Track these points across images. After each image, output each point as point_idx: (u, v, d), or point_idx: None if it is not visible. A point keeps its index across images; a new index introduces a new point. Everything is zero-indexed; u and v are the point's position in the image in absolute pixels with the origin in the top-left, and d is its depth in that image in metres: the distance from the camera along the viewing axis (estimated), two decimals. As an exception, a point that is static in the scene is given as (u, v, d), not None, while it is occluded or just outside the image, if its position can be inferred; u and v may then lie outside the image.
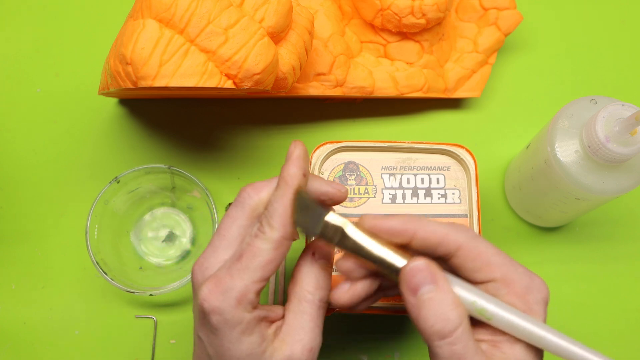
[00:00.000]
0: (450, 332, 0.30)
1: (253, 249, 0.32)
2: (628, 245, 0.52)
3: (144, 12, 0.39)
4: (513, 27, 0.53)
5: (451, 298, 0.31)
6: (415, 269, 0.31)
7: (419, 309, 0.31)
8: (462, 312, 0.30)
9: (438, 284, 0.31)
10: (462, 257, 0.32)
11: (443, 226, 0.32)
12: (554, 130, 0.41)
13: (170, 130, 0.54)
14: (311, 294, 0.34)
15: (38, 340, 0.50)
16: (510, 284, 0.31)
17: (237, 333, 0.32)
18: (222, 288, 0.32)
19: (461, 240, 0.32)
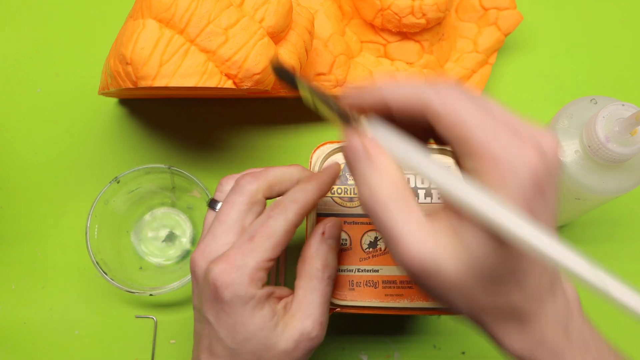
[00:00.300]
0: (374, 205, 0.27)
1: (267, 230, 0.34)
2: (628, 245, 0.52)
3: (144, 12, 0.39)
4: (513, 27, 0.53)
5: (381, 171, 0.27)
6: (347, 149, 0.29)
7: (356, 183, 0.29)
8: (390, 183, 0.27)
9: (369, 157, 0.28)
10: (440, 124, 0.27)
11: (416, 88, 0.27)
12: (553, 130, 0.41)
13: (170, 130, 0.54)
14: (320, 272, 0.36)
15: (38, 340, 0.50)
16: (491, 160, 0.25)
17: (250, 308, 0.33)
18: (235, 265, 0.33)
19: (438, 103, 0.26)
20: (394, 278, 0.42)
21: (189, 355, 0.49)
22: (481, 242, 0.26)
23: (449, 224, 0.27)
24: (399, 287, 0.41)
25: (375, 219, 0.28)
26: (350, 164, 0.29)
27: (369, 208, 0.28)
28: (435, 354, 0.50)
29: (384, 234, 0.28)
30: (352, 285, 0.41)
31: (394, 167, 0.28)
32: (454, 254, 0.26)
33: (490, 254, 0.26)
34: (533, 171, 0.25)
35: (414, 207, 0.27)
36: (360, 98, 0.29)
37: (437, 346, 0.50)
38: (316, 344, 0.35)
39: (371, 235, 0.43)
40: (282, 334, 0.34)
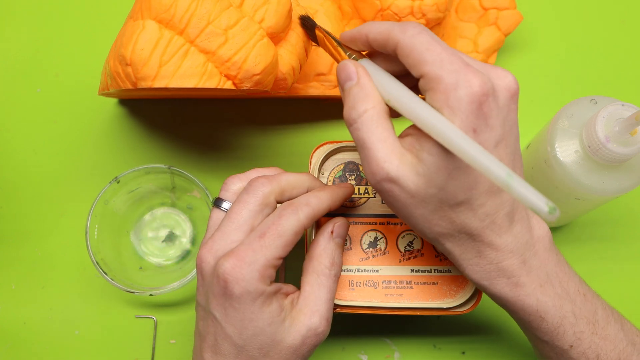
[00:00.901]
0: (354, 119, 0.33)
1: (279, 229, 0.34)
2: (628, 245, 0.52)
3: (144, 13, 0.39)
4: (513, 27, 0.52)
5: (364, 91, 0.33)
6: (341, 66, 0.35)
7: (344, 101, 0.34)
8: (370, 104, 0.33)
9: (359, 82, 0.33)
10: (401, 54, 0.32)
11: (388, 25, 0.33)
12: (554, 130, 0.41)
13: (170, 130, 0.54)
14: (328, 269, 0.37)
15: (38, 340, 0.50)
16: (436, 80, 0.30)
17: (259, 304, 0.34)
18: (246, 261, 0.34)
19: (400, 37, 0.32)
20: (394, 278, 0.42)
21: (189, 355, 0.49)
22: (432, 152, 0.31)
23: (412, 146, 0.32)
24: (399, 287, 0.42)
25: (354, 133, 0.33)
26: (341, 83, 0.35)
27: (350, 122, 0.33)
28: (435, 354, 0.50)
29: (359, 146, 0.33)
30: (352, 285, 0.41)
31: (377, 92, 0.33)
32: (413, 168, 0.32)
33: (440, 165, 0.31)
34: (473, 94, 0.30)
35: (388, 129, 0.33)
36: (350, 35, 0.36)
37: (437, 346, 0.50)
38: (321, 339, 0.36)
39: (371, 236, 0.43)
40: (290, 329, 0.35)
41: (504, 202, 0.33)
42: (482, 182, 0.32)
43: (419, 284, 0.42)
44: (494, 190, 0.32)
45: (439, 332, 0.50)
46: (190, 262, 0.50)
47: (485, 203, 0.32)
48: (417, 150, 0.32)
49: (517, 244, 0.34)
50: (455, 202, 0.32)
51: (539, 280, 0.35)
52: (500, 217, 0.33)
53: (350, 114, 0.33)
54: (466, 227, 0.33)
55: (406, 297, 0.41)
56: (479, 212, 0.33)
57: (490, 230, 0.33)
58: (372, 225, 0.43)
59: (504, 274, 0.34)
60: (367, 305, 0.41)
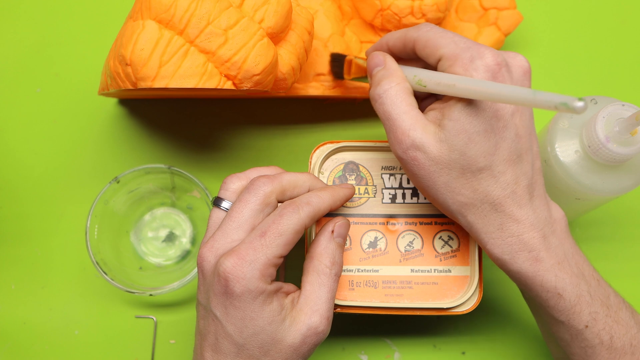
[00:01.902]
0: (379, 94, 0.36)
1: (279, 228, 0.35)
2: (628, 245, 0.52)
3: (144, 13, 0.39)
4: (513, 27, 0.52)
5: (389, 72, 0.37)
6: (371, 56, 0.39)
7: (371, 84, 0.38)
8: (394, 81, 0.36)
9: (385, 65, 0.38)
10: (418, 47, 0.36)
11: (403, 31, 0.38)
12: (554, 130, 0.41)
13: (170, 130, 0.54)
14: (329, 268, 0.37)
15: (38, 340, 0.50)
16: (454, 57, 0.34)
17: (259, 302, 0.34)
18: (247, 260, 0.34)
19: (415, 35, 0.37)
20: (394, 278, 0.42)
21: (189, 355, 0.49)
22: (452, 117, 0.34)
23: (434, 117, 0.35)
24: (399, 287, 0.42)
25: (379, 108, 0.36)
26: (370, 70, 0.38)
27: (376, 98, 0.36)
28: (435, 354, 0.50)
29: (386, 120, 0.36)
30: (352, 285, 0.41)
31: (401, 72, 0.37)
32: (436, 135, 0.35)
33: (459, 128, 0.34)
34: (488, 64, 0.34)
35: (412, 103, 0.36)
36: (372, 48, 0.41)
37: (437, 346, 0.50)
38: (322, 339, 0.36)
39: (371, 236, 0.43)
40: (290, 328, 0.35)
41: (525, 173, 0.35)
42: (502, 149, 0.34)
43: (419, 284, 0.42)
44: (513, 159, 0.35)
45: (439, 332, 0.50)
46: (190, 262, 0.50)
47: (506, 171, 0.35)
48: (439, 120, 0.35)
49: (537, 219, 0.35)
50: (477, 168, 0.34)
51: (557, 258, 0.36)
52: (520, 187, 0.35)
53: (376, 89, 0.36)
54: (488, 195, 0.35)
55: (406, 297, 0.41)
56: (500, 180, 0.35)
57: (512, 200, 0.35)
58: (372, 225, 0.43)
59: (525, 247, 0.35)
60: (367, 305, 0.41)
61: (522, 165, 0.35)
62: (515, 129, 0.34)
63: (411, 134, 0.35)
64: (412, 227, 0.43)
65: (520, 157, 0.35)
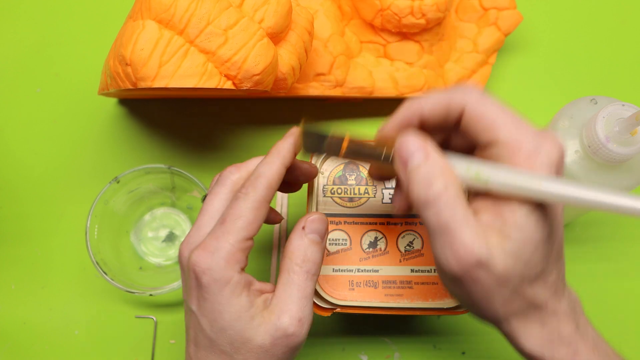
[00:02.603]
0: (435, 199, 0.29)
1: (236, 211, 0.34)
2: (628, 245, 0.52)
3: (144, 13, 0.39)
4: (513, 27, 0.52)
5: (438, 167, 0.30)
6: (403, 142, 0.31)
7: (408, 182, 0.30)
8: (448, 180, 0.29)
9: (426, 153, 0.30)
10: (467, 119, 0.30)
11: (445, 94, 0.31)
12: (554, 130, 0.42)
13: (170, 130, 0.54)
14: (299, 266, 0.35)
15: (38, 340, 0.50)
16: (515, 146, 0.29)
17: (227, 293, 0.33)
18: (210, 250, 0.33)
19: (464, 102, 0.30)
20: (394, 278, 0.42)
21: (189, 355, 0.49)
22: (519, 227, 0.29)
23: (492, 223, 0.29)
24: (399, 287, 0.42)
25: (432, 217, 0.29)
26: (404, 161, 0.30)
27: (426, 205, 0.29)
28: (435, 354, 0.50)
29: (436, 229, 0.29)
30: (352, 285, 0.41)
31: (449, 166, 0.30)
32: (500, 247, 0.29)
33: (528, 238, 0.29)
34: (553, 160, 0.29)
35: (467, 206, 0.29)
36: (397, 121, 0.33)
37: (437, 346, 0.50)
38: (295, 341, 0.34)
39: (371, 235, 0.43)
40: (259, 328, 0.33)
41: (563, 266, 0.32)
42: (555, 249, 0.31)
43: (419, 284, 0.42)
44: (559, 255, 0.32)
45: (439, 332, 0.50)
46: (190, 262, 0.50)
47: (553, 270, 0.31)
48: (500, 227, 0.29)
49: (569, 307, 0.33)
50: (535, 275, 0.30)
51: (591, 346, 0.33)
52: (561, 282, 0.32)
53: (428, 193, 0.29)
54: (536, 299, 0.31)
55: (406, 297, 0.41)
56: (548, 281, 0.31)
57: (555, 297, 0.32)
58: (372, 225, 0.43)
59: (563, 342, 0.32)
60: (367, 305, 0.41)
61: (562, 259, 0.32)
62: (562, 224, 0.32)
63: (476, 251, 0.28)
64: (412, 227, 0.43)
65: (560, 252, 0.32)
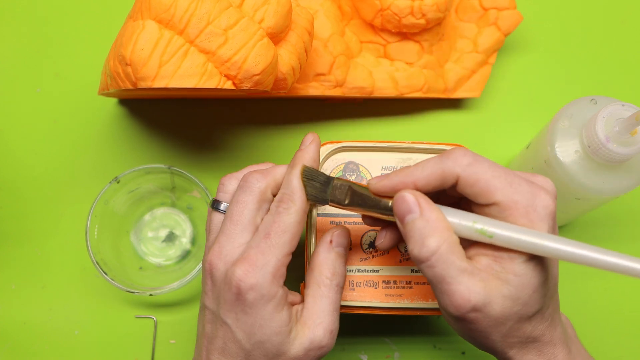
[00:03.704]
0: (428, 256, 0.31)
1: (281, 225, 0.34)
2: (628, 245, 0.52)
3: (144, 13, 0.39)
4: (513, 27, 0.52)
5: (432, 223, 0.32)
6: (399, 199, 0.33)
7: (406, 236, 0.33)
8: (442, 236, 0.31)
9: (421, 211, 0.32)
10: (462, 184, 0.32)
11: (436, 163, 0.33)
12: (554, 130, 0.41)
13: (170, 130, 0.54)
14: (329, 279, 0.36)
15: (38, 340, 0.50)
16: (512, 205, 0.31)
17: (271, 308, 0.34)
18: (257, 265, 0.33)
19: (458, 170, 0.32)
20: (394, 278, 0.42)
21: (189, 355, 0.49)
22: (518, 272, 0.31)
23: (490, 268, 0.32)
24: (399, 287, 0.41)
25: (428, 270, 0.32)
26: (401, 217, 0.33)
27: (422, 260, 0.31)
28: (435, 354, 0.50)
29: (436, 282, 0.32)
30: (352, 285, 0.41)
31: (445, 220, 0.32)
32: (498, 292, 0.31)
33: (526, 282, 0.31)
34: (549, 209, 0.32)
35: (463, 257, 0.32)
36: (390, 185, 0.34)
37: (437, 346, 0.50)
38: (325, 352, 0.36)
39: (371, 236, 0.42)
40: (294, 341, 0.34)
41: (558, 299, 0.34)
42: (550, 289, 0.33)
43: (419, 284, 0.42)
44: (555, 290, 0.34)
45: (439, 332, 0.50)
46: (190, 262, 0.50)
47: (550, 305, 0.33)
48: (498, 272, 0.32)
49: (562, 333, 0.35)
50: (533, 313, 0.32)
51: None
52: (556, 314, 0.34)
53: (421, 252, 0.31)
54: (534, 333, 0.33)
55: (406, 297, 0.41)
56: (545, 315, 0.33)
57: (551, 328, 0.34)
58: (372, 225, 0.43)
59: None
60: (367, 305, 0.41)
61: (557, 293, 0.34)
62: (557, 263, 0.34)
63: (472, 298, 0.31)
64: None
65: (556, 287, 0.34)
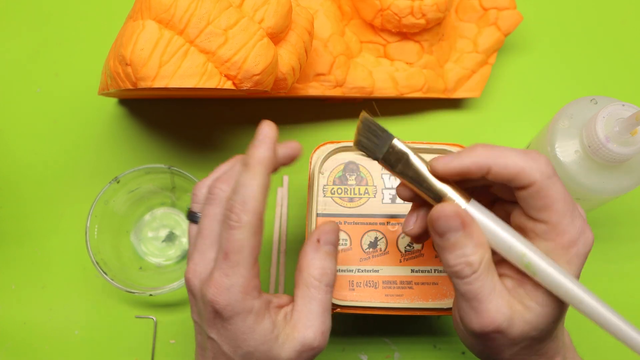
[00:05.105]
0: (468, 275, 0.31)
1: (236, 244, 0.32)
2: (628, 245, 0.52)
3: (144, 13, 0.39)
4: (513, 27, 0.52)
5: (475, 241, 0.31)
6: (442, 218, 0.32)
7: (442, 250, 0.32)
8: (482, 256, 0.31)
9: (465, 229, 0.31)
10: (531, 192, 0.31)
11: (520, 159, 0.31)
12: (554, 130, 0.41)
13: (170, 130, 0.54)
14: (318, 280, 0.35)
15: (38, 340, 0.50)
16: (561, 234, 0.31)
17: (251, 321, 0.33)
18: (225, 287, 0.32)
19: (536, 177, 0.31)
20: (394, 278, 0.42)
21: (189, 355, 0.49)
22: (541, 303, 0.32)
23: (515, 291, 0.32)
24: (399, 287, 0.42)
25: (464, 286, 0.32)
26: (440, 231, 0.32)
27: (462, 276, 0.32)
28: (435, 354, 0.50)
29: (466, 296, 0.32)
30: (352, 285, 0.41)
31: (484, 238, 0.32)
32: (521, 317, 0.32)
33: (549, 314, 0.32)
34: (589, 248, 0.32)
35: (497, 277, 0.32)
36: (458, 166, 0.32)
37: (437, 346, 0.50)
38: (317, 353, 0.35)
39: (371, 236, 0.43)
40: (284, 346, 0.34)
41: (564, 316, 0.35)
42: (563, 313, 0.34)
43: (419, 284, 0.42)
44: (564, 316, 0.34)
45: (439, 332, 0.50)
46: (190, 262, 0.50)
47: (559, 326, 0.34)
48: (522, 297, 0.32)
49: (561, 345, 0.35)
50: (546, 336, 0.33)
51: None
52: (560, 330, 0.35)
53: (464, 269, 0.31)
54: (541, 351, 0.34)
55: (406, 298, 0.41)
56: (552, 336, 0.34)
57: (553, 343, 0.34)
58: (372, 225, 0.43)
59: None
60: (367, 305, 0.41)
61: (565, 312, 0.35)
62: None
63: (498, 318, 0.31)
64: (412, 227, 0.43)
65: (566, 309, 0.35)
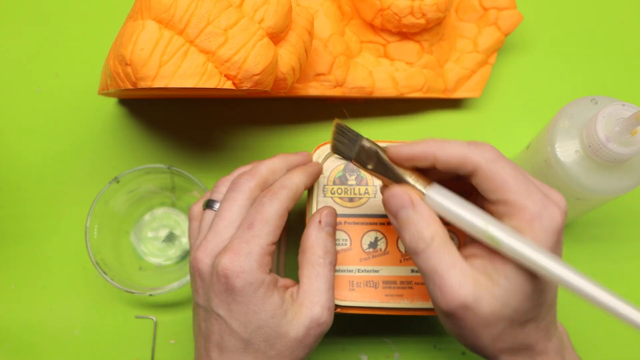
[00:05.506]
0: (423, 249, 0.32)
1: (264, 216, 0.36)
2: (628, 245, 0.52)
3: (144, 13, 0.39)
4: (513, 27, 0.52)
5: (425, 217, 0.32)
6: (391, 196, 0.34)
7: (399, 230, 0.34)
8: (434, 230, 0.32)
9: (413, 205, 0.33)
10: (479, 177, 0.32)
11: (462, 147, 0.32)
12: (554, 130, 0.41)
13: (170, 130, 0.54)
14: (322, 258, 0.37)
15: (38, 340, 0.50)
16: (520, 210, 0.31)
17: (261, 294, 0.35)
18: (242, 253, 0.35)
19: (479, 161, 0.32)
20: (394, 278, 0.42)
21: (189, 355, 0.49)
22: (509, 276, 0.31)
23: (483, 268, 0.32)
24: (399, 287, 0.41)
25: (422, 263, 0.32)
26: (392, 210, 0.34)
27: (417, 252, 0.32)
28: (435, 354, 0.50)
29: (426, 273, 0.32)
30: (352, 285, 0.41)
31: (435, 215, 0.33)
32: (489, 291, 0.31)
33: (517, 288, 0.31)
34: (556, 227, 0.31)
35: (456, 253, 0.32)
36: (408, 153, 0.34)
37: (437, 346, 0.50)
38: (325, 329, 0.37)
39: (371, 236, 0.42)
40: (292, 322, 0.35)
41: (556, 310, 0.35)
42: (547, 298, 0.33)
43: (419, 284, 0.42)
44: (554, 301, 0.34)
45: (439, 332, 0.50)
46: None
47: (547, 316, 0.34)
48: (491, 273, 0.32)
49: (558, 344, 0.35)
50: (525, 320, 0.33)
51: None
52: (552, 325, 0.35)
53: (418, 244, 0.32)
54: (528, 340, 0.33)
55: (406, 298, 0.41)
56: (541, 326, 0.33)
57: (546, 339, 0.34)
58: (372, 225, 0.43)
59: None
60: (367, 305, 0.41)
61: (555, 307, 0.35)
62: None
63: (462, 292, 0.31)
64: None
65: (555, 298, 0.34)
